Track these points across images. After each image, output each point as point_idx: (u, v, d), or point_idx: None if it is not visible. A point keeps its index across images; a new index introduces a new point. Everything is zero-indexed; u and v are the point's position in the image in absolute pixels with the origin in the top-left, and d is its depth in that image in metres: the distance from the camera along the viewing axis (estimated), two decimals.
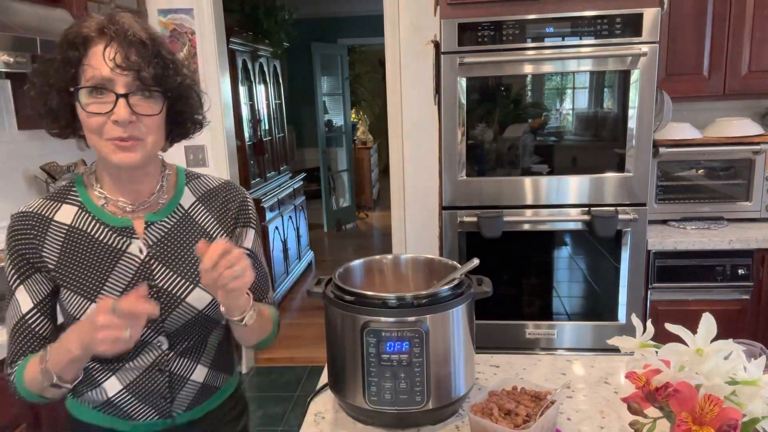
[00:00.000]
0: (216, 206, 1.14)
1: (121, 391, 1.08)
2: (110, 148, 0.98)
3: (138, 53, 0.95)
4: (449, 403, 1.09)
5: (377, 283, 1.27)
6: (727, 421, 0.76)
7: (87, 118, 0.97)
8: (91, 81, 0.95)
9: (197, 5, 3.01)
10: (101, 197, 1.07)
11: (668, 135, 2.50)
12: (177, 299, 1.05)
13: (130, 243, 1.05)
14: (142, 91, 0.97)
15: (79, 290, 1.03)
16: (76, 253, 1.03)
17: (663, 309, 2.39)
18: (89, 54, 0.96)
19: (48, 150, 2.70)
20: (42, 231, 1.03)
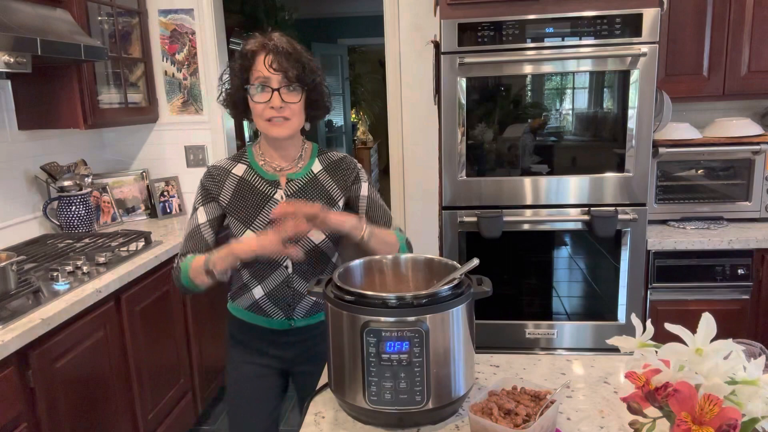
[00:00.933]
0: (337, 173, 1.56)
1: (263, 297, 1.53)
2: (267, 125, 1.44)
3: (286, 60, 1.40)
4: (449, 403, 1.09)
5: (377, 283, 1.28)
6: (726, 420, 0.76)
7: (254, 105, 1.44)
8: (257, 80, 1.42)
9: (197, 5, 3.01)
10: (261, 159, 1.54)
11: (668, 135, 2.50)
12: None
13: (276, 191, 1.51)
14: (288, 85, 1.41)
15: (240, 219, 1.50)
16: (242, 195, 1.50)
17: (662, 309, 2.39)
18: (255, 62, 1.42)
19: (48, 150, 2.71)
20: (223, 179, 1.52)
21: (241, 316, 1.59)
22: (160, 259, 2.38)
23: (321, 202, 1.47)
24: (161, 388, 2.41)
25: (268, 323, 1.55)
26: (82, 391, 1.90)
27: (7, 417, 1.56)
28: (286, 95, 1.41)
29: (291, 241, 1.37)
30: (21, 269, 2.02)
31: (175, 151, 3.17)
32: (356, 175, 1.57)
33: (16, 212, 2.52)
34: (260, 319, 1.55)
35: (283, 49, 1.41)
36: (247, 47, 1.44)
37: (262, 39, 1.43)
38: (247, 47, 1.44)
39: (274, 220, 1.40)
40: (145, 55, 3.00)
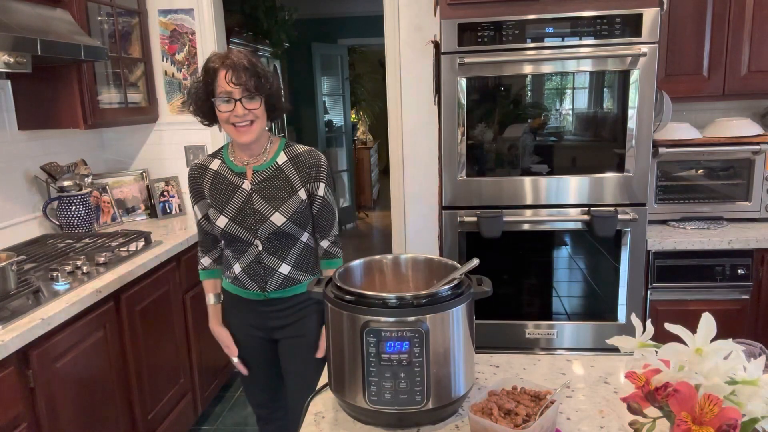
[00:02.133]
0: (300, 165, 1.75)
1: (240, 272, 1.78)
2: (233, 130, 1.66)
3: (244, 74, 1.60)
4: (449, 403, 1.09)
5: (377, 283, 1.28)
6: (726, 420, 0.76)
7: (220, 115, 1.66)
8: (221, 93, 1.63)
9: (197, 5, 3.01)
10: (232, 155, 1.77)
11: (668, 135, 2.50)
12: (264, 217, 1.70)
13: (243, 182, 1.73)
14: (248, 96, 1.62)
15: (216, 206, 1.74)
16: (217, 186, 1.75)
17: (662, 309, 2.39)
18: (217, 77, 1.62)
19: (48, 150, 2.71)
20: (203, 174, 1.78)
21: (228, 288, 1.86)
22: (160, 259, 2.38)
23: (283, 190, 1.72)
24: (161, 388, 2.41)
25: (246, 294, 1.80)
26: (82, 391, 1.90)
27: (7, 417, 1.56)
28: (247, 104, 1.62)
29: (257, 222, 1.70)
30: (21, 269, 2.02)
31: (175, 151, 3.17)
32: (317, 172, 1.75)
33: (16, 212, 2.52)
34: (240, 290, 1.80)
35: (241, 64, 1.60)
36: (210, 65, 1.64)
37: (221, 56, 1.64)
38: (209, 65, 1.64)
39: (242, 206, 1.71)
40: (145, 55, 3.00)
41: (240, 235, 1.71)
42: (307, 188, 1.74)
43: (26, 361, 1.65)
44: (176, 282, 2.56)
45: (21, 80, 2.47)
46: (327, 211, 1.79)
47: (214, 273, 1.91)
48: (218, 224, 1.73)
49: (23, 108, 2.51)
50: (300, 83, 6.43)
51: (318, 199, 1.77)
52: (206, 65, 1.66)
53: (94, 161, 3.00)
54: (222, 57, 1.64)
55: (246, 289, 1.79)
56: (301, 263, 1.79)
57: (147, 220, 3.06)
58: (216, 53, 1.68)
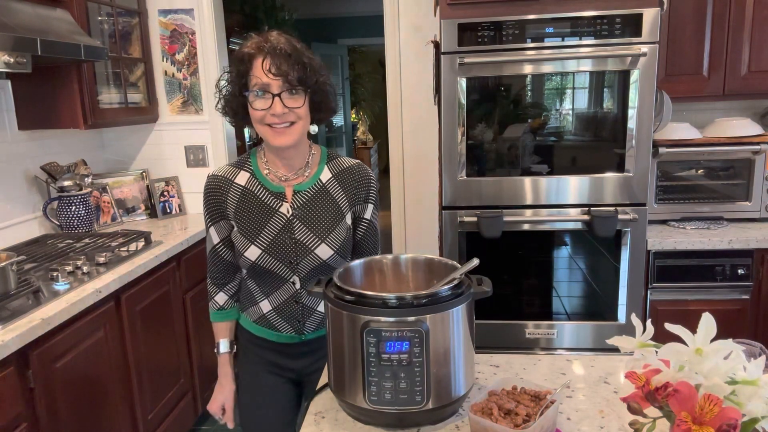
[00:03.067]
0: (347, 183, 1.45)
1: (271, 311, 1.48)
2: (270, 132, 1.34)
3: (285, 62, 1.29)
4: (449, 403, 1.09)
5: (377, 283, 1.27)
6: (726, 420, 0.76)
7: (254, 112, 1.34)
8: (256, 86, 1.31)
9: (197, 5, 3.01)
10: (266, 168, 1.43)
11: (668, 135, 2.50)
12: (308, 250, 1.40)
13: (281, 204, 1.41)
14: (290, 90, 1.31)
15: (244, 233, 1.41)
16: (246, 207, 1.42)
17: (663, 309, 2.39)
18: (253, 66, 1.31)
19: (48, 150, 2.71)
20: (226, 189, 1.43)
21: (250, 328, 1.54)
22: (160, 259, 2.38)
23: (329, 216, 1.41)
24: (161, 388, 2.41)
25: (276, 337, 1.51)
26: (82, 391, 1.90)
27: (7, 417, 1.56)
28: (288, 100, 1.31)
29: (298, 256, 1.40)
30: (21, 269, 2.02)
31: (175, 151, 3.17)
32: (366, 192, 1.46)
33: (16, 212, 2.52)
34: (269, 332, 1.51)
35: (282, 50, 1.30)
36: (243, 50, 1.34)
37: (258, 40, 1.33)
38: (243, 50, 1.34)
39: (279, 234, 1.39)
40: (145, 55, 3.00)
41: (275, 270, 1.41)
42: (354, 211, 1.46)
43: (26, 361, 1.65)
44: (176, 282, 2.56)
45: (21, 80, 2.47)
46: (373, 235, 1.52)
47: (230, 314, 1.57)
48: (247, 256, 1.41)
49: (23, 108, 2.51)
50: None
51: (364, 223, 1.48)
52: (239, 51, 1.36)
53: (94, 161, 3.00)
54: (259, 41, 1.33)
55: (277, 331, 1.50)
56: None
57: (147, 220, 3.06)
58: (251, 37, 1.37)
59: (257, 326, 1.52)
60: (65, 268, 2.05)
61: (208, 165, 3.16)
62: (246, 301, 1.53)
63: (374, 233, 1.52)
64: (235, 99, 1.37)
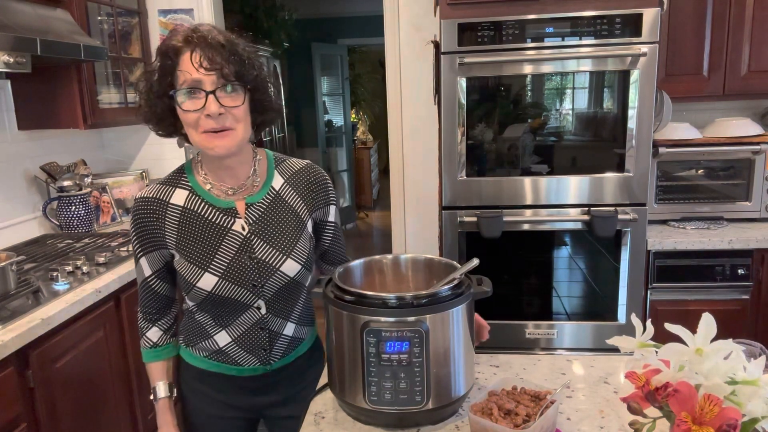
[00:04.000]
0: (301, 187, 1.29)
1: (230, 343, 1.29)
2: (205, 138, 1.14)
3: (219, 54, 1.11)
4: (449, 403, 1.09)
5: (377, 283, 1.27)
6: (726, 420, 0.76)
7: (184, 115, 1.14)
8: (185, 84, 1.12)
9: (197, 5, 3.01)
10: (207, 182, 1.24)
11: (668, 135, 2.50)
12: (273, 269, 1.23)
13: (234, 222, 1.23)
14: (225, 86, 1.12)
15: (194, 261, 1.21)
16: (191, 231, 1.22)
17: (663, 309, 2.39)
18: (180, 61, 1.12)
19: (48, 150, 2.71)
20: (161, 213, 1.22)
21: (199, 364, 1.33)
22: None
23: (290, 226, 1.25)
24: None
25: (237, 371, 1.31)
26: (81, 391, 1.90)
27: (7, 417, 1.56)
28: (224, 98, 1.12)
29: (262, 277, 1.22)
30: (21, 269, 2.02)
31: (175, 151, 3.17)
32: (326, 194, 1.32)
33: (16, 212, 2.52)
34: (226, 367, 1.31)
35: (214, 41, 1.12)
36: (168, 43, 1.14)
37: (186, 31, 1.13)
38: (167, 43, 1.14)
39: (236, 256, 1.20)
40: (145, 55, 3.00)
41: (236, 297, 1.22)
42: (314, 218, 1.31)
43: (26, 361, 1.65)
44: None
45: (21, 80, 2.47)
46: (340, 237, 1.39)
47: (165, 351, 1.34)
48: (201, 287, 1.21)
49: (23, 108, 2.51)
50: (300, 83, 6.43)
51: (329, 227, 1.35)
52: (163, 44, 1.15)
53: (94, 161, 3.00)
54: (186, 32, 1.13)
55: (237, 365, 1.30)
56: (304, 316, 1.36)
57: None
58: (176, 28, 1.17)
59: (210, 362, 1.32)
60: (65, 268, 2.05)
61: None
62: (194, 336, 1.32)
63: (341, 236, 1.40)
64: (160, 101, 1.16)
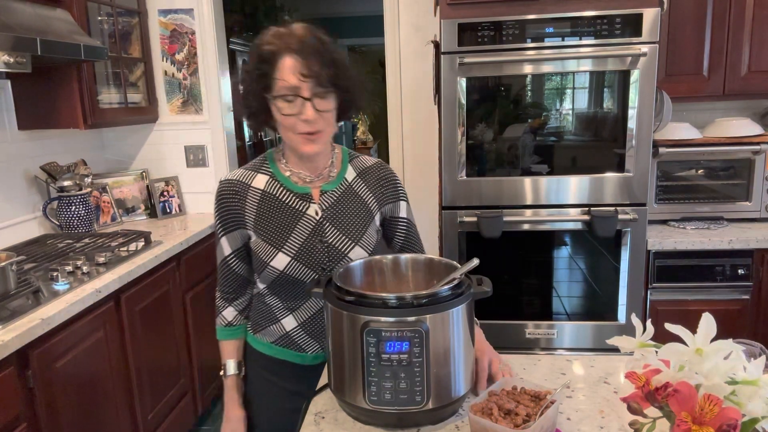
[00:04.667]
0: (371, 181, 1.37)
1: (296, 328, 1.35)
2: (300, 140, 1.23)
3: (317, 61, 1.16)
4: (449, 403, 1.09)
5: (377, 283, 1.27)
6: (726, 420, 0.76)
7: (282, 118, 1.22)
8: (283, 90, 1.18)
9: (197, 5, 3.01)
10: (287, 170, 1.33)
11: (668, 135, 2.50)
12: (341, 254, 1.30)
13: (308, 206, 1.31)
14: (322, 92, 1.19)
15: (269, 241, 1.29)
16: (268, 213, 1.30)
17: (663, 309, 2.39)
18: (278, 67, 1.18)
19: (48, 150, 2.71)
20: (243, 195, 1.31)
21: (268, 351, 1.39)
22: (160, 259, 2.38)
23: (360, 216, 1.32)
24: (161, 388, 2.41)
25: (300, 359, 1.37)
26: (82, 391, 1.90)
27: (7, 417, 1.56)
28: (319, 104, 1.19)
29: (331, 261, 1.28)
30: (21, 269, 2.02)
31: (175, 151, 3.17)
32: (395, 190, 1.38)
33: (16, 212, 2.52)
34: (291, 354, 1.37)
35: (311, 48, 1.16)
36: (265, 48, 1.19)
37: (281, 35, 1.19)
38: (264, 47, 1.19)
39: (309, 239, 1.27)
40: (144, 55, 3.00)
41: (304, 279, 1.29)
42: (383, 212, 1.37)
43: (26, 361, 1.65)
44: (176, 282, 2.56)
45: (21, 80, 2.47)
46: (415, 234, 1.43)
47: (238, 331, 1.43)
48: (274, 265, 1.28)
49: (23, 108, 2.51)
50: None
51: (402, 223, 1.39)
52: (260, 48, 1.20)
53: (94, 161, 3.00)
54: (282, 36, 1.18)
55: (301, 351, 1.36)
56: None
57: (147, 220, 3.06)
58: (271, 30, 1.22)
59: (278, 348, 1.37)
60: (65, 268, 2.05)
61: (207, 165, 3.15)
62: (263, 320, 1.39)
63: (416, 231, 1.44)
64: (256, 100, 1.24)
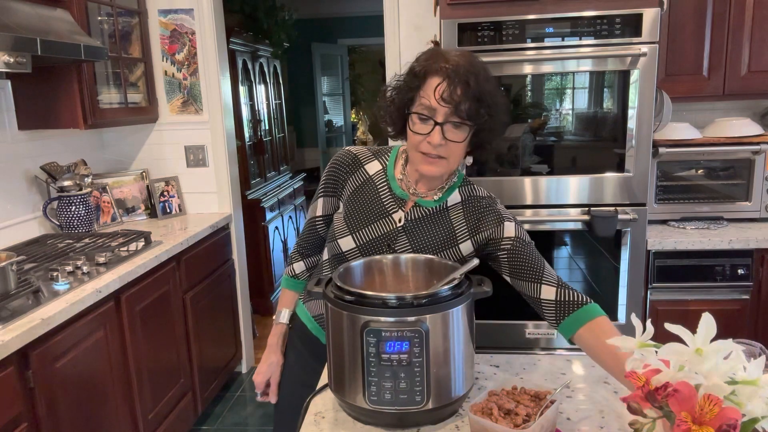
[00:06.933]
0: (472, 211, 1.33)
1: None
2: (420, 158, 1.24)
3: (461, 91, 1.17)
4: (449, 403, 1.09)
5: (377, 283, 1.27)
6: (726, 420, 0.76)
7: (411, 135, 1.24)
8: (420, 108, 1.21)
9: (197, 5, 3.01)
10: (401, 173, 1.35)
11: (668, 135, 2.50)
12: None
13: (396, 211, 1.33)
14: (455, 122, 1.19)
15: (348, 221, 1.33)
16: (362, 196, 1.34)
17: (662, 309, 2.39)
18: (425, 85, 1.21)
19: (48, 150, 2.71)
20: (353, 169, 1.37)
21: (308, 323, 1.45)
22: (160, 259, 2.38)
23: (440, 237, 1.30)
24: (161, 388, 2.41)
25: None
26: (82, 391, 1.90)
27: (7, 417, 1.56)
28: (449, 132, 1.20)
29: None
30: (21, 269, 2.02)
31: (175, 151, 3.17)
32: (496, 215, 1.32)
33: (16, 212, 2.52)
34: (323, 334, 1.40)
35: (461, 77, 1.18)
36: (421, 65, 1.23)
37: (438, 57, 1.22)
38: (420, 64, 1.24)
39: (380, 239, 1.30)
40: (145, 55, 3.00)
41: None
42: (476, 239, 1.31)
43: (26, 361, 1.65)
44: (176, 282, 2.56)
45: (21, 80, 2.47)
46: (528, 249, 1.32)
47: (301, 285, 1.50)
48: (340, 243, 1.33)
49: (23, 108, 2.51)
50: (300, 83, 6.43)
51: (508, 241, 1.30)
52: (416, 64, 1.25)
53: (94, 161, 3.00)
54: (438, 59, 1.21)
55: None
56: None
57: (147, 220, 3.06)
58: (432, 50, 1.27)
59: (314, 323, 1.43)
60: (65, 268, 2.05)
61: (207, 165, 3.15)
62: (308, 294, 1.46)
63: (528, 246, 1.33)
64: (398, 111, 1.28)
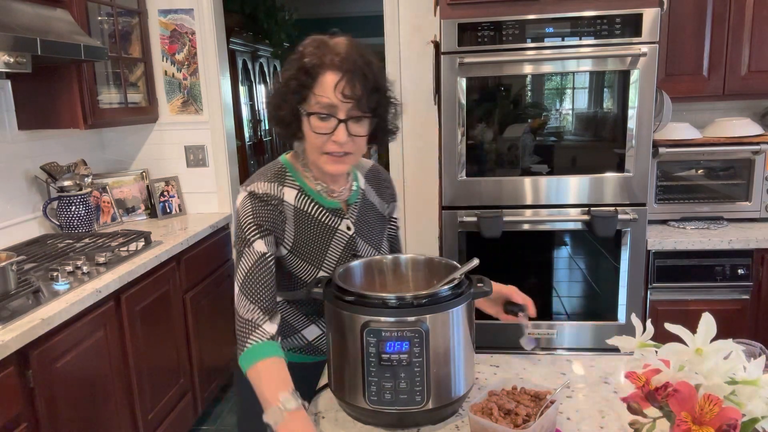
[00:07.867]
0: (375, 185, 1.35)
1: (318, 337, 1.33)
2: (326, 159, 1.17)
3: (362, 85, 1.11)
4: (449, 403, 1.09)
5: (377, 283, 1.27)
6: (726, 420, 0.76)
7: (312, 137, 1.16)
8: (318, 107, 1.13)
9: (197, 5, 3.01)
10: (318, 184, 1.26)
11: (668, 135, 2.50)
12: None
13: (340, 222, 1.27)
14: (357, 116, 1.14)
15: (309, 260, 1.25)
16: (305, 230, 1.24)
17: (662, 309, 2.39)
18: (318, 82, 1.12)
19: (48, 150, 2.71)
20: (281, 209, 1.22)
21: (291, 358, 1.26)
22: (160, 259, 2.38)
23: (378, 223, 1.32)
24: (161, 388, 2.41)
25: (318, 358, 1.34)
26: (82, 391, 1.90)
27: (7, 417, 1.56)
28: (353, 127, 1.14)
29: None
30: (21, 269, 2.02)
31: (175, 151, 3.17)
32: (392, 191, 1.40)
33: (16, 212, 2.52)
34: (310, 357, 1.35)
35: (357, 68, 1.10)
36: (308, 60, 1.13)
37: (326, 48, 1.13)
38: (307, 59, 1.13)
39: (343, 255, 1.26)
40: (145, 55, 3.00)
41: None
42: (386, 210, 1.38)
43: (26, 361, 1.65)
44: (176, 282, 2.56)
45: (21, 80, 2.47)
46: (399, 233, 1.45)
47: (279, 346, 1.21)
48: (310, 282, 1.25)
49: (23, 108, 2.51)
50: None
51: (393, 223, 1.40)
52: (302, 59, 1.14)
53: (94, 161, 3.00)
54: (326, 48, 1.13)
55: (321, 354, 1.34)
56: None
57: (147, 220, 3.06)
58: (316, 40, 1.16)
59: (297, 354, 1.34)
60: (65, 268, 2.05)
61: (207, 165, 3.15)
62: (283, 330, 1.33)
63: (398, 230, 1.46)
64: (290, 111, 1.17)
